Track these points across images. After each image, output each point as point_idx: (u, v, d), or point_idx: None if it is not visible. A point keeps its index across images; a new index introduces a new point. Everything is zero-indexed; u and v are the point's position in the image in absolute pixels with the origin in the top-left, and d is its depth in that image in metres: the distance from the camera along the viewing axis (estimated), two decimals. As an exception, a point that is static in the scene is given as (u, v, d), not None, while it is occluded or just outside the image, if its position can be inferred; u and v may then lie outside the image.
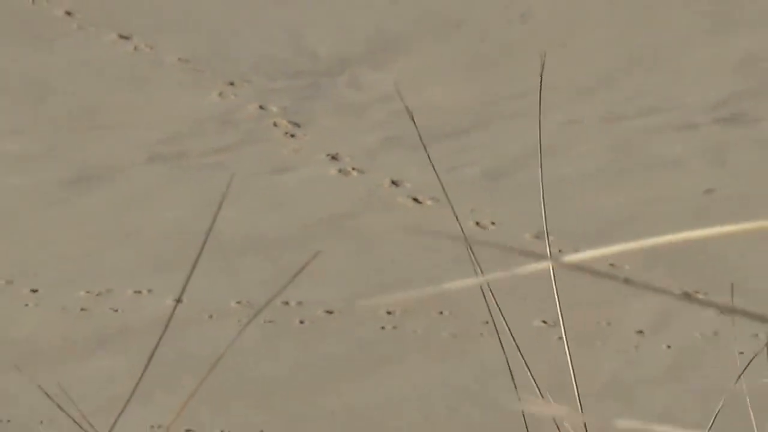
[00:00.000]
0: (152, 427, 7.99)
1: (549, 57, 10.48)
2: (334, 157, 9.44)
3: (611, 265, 8.95)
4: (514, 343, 3.65)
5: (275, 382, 8.24)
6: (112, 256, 8.81)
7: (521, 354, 3.67)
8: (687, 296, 1.50)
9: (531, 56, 10.60)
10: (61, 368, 7.94)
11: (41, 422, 7.62)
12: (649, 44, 10.85)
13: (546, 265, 1.74)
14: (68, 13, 10.77)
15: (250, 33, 10.88)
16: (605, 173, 9.65)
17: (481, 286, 4.98)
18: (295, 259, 8.76)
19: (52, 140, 9.94)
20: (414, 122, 9.52)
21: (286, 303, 8.36)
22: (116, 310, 8.30)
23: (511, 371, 3.61)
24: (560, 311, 3.38)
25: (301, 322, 8.26)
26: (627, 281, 1.47)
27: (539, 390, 3.40)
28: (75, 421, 7.47)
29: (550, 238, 9.10)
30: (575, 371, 3.42)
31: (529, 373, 3.46)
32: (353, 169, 9.43)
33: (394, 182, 9.14)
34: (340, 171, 9.34)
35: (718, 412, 4.50)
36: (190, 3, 11.11)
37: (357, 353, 8.04)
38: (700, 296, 8.91)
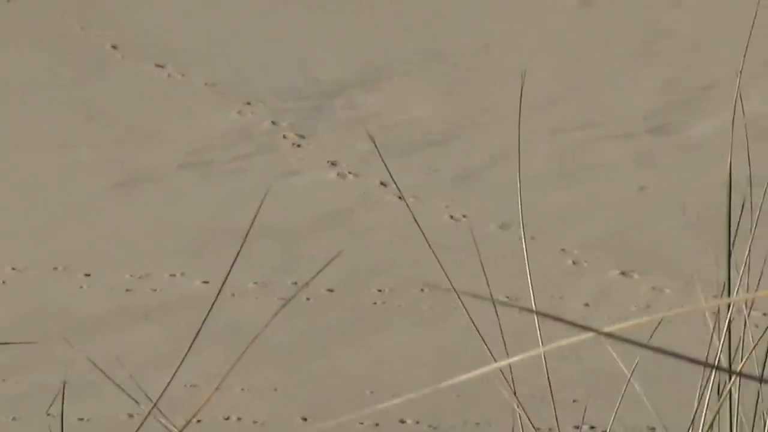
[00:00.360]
0: (185, 386, 8.16)
1: (507, 81, 10.50)
2: (333, 164, 9.72)
3: (562, 249, 9.05)
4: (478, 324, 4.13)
5: (287, 347, 8.35)
6: (152, 245, 9.00)
7: (477, 329, 3.88)
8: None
9: (494, 80, 10.81)
10: (110, 338, 8.19)
11: (93, 383, 7.97)
12: (590, 70, 11.08)
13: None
14: (114, 47, 11.02)
15: (265, 62, 10.84)
16: (554, 175, 9.86)
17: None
18: (302, 246, 9.07)
19: (101, 151, 10.10)
20: (375, 143, 10.00)
21: (295, 283, 8.62)
22: (155, 290, 8.56)
23: (482, 338, 3.61)
24: (531, 285, 3.71)
25: (308, 299, 8.46)
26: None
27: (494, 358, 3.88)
28: (118, 385, 7.59)
29: (511, 227, 9.31)
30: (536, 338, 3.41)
31: (493, 348, 3.55)
32: (349, 173, 9.65)
33: (382, 183, 9.44)
34: (338, 175, 9.61)
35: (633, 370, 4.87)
36: (214, 38, 11.08)
37: (353, 324, 8.30)
38: (634, 275, 9.19)
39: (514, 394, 3.32)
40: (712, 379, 3.48)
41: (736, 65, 10.78)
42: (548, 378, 3.50)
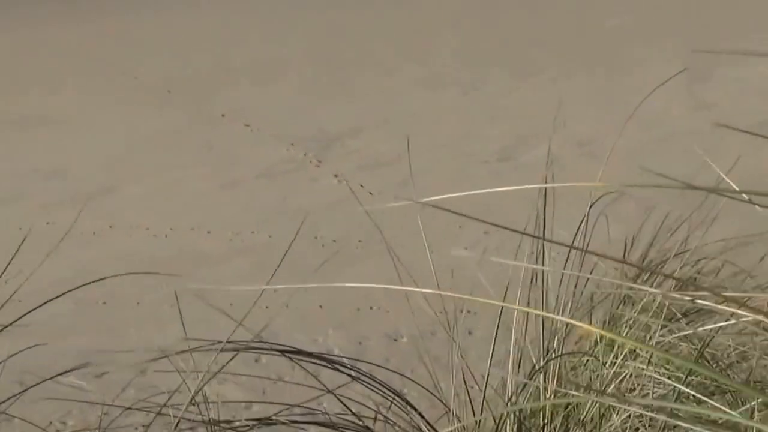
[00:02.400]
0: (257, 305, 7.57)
1: (427, 131, 10.39)
2: (335, 175, 9.69)
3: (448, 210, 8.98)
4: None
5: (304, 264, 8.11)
6: (243, 216, 8.82)
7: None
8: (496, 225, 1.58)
9: (420, 131, 10.67)
10: (214, 270, 7.80)
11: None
12: (470, 127, 10.82)
13: (410, 203, 1.87)
14: (246, 124, 10.68)
15: (299, 123, 10.95)
16: (452, 178, 9.34)
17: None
18: (318, 220, 8.72)
19: (212, 169, 10.02)
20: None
21: (315, 237, 8.34)
22: (242, 241, 8.35)
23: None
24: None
25: (322, 245, 8.21)
26: (461, 214, 1.63)
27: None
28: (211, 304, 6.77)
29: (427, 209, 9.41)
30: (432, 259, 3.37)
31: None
32: (345, 181, 9.58)
33: (361, 185, 9.41)
34: (338, 181, 9.57)
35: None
36: (276, 110, 11.13)
37: (331, 262, 7.77)
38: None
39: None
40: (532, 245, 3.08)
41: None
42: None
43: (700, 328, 3.09)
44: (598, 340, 3.16)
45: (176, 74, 12.08)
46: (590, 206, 3.25)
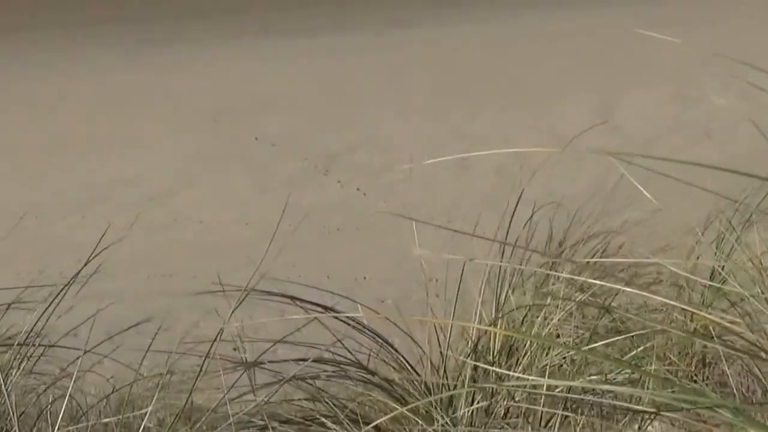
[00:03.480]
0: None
1: (398, 154, 10.25)
2: (338, 181, 9.60)
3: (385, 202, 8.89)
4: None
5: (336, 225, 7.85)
6: (269, 216, 8.54)
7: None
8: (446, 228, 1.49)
9: (381, 155, 10.34)
10: (250, 250, 7.33)
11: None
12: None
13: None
14: (273, 144, 10.14)
15: (310, 142, 10.52)
16: (424, 181, 9.25)
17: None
18: (324, 216, 8.73)
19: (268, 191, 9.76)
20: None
21: (324, 227, 8.34)
22: (270, 229, 7.84)
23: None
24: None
25: (329, 233, 8.17)
26: (421, 221, 1.76)
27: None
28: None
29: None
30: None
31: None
32: (346, 186, 9.51)
33: (357, 189, 9.36)
34: (340, 186, 9.51)
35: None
36: (298, 132, 10.76)
37: (335, 245, 7.78)
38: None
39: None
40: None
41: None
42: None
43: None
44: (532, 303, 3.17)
45: (221, 106, 12.08)
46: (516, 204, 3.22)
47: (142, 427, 2.23)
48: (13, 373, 2.35)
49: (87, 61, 12.92)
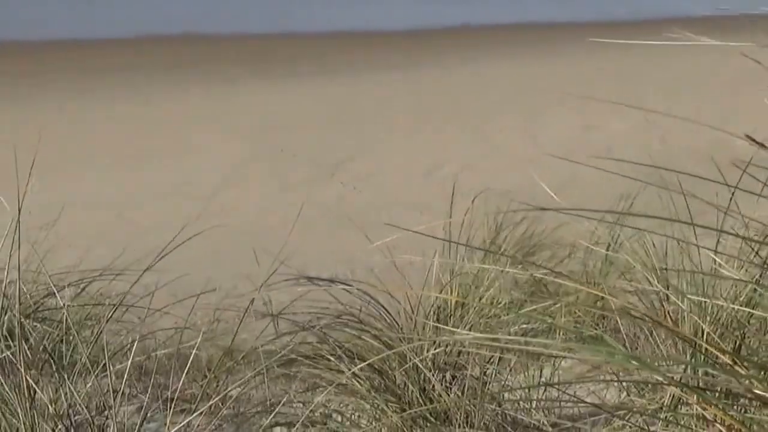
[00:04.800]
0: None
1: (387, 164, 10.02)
2: (341, 183, 9.36)
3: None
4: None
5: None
6: (290, 208, 8.35)
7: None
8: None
9: (385, 159, 10.11)
10: (277, 233, 7.28)
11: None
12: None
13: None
14: (294, 155, 9.68)
15: (320, 152, 10.08)
16: (402, 183, 9.03)
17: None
18: (330, 209, 8.43)
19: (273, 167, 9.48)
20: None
21: (330, 217, 8.08)
22: (291, 218, 7.94)
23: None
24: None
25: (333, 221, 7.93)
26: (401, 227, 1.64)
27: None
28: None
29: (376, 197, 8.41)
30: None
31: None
32: (347, 186, 9.29)
33: (354, 187, 9.12)
34: (343, 186, 9.27)
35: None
36: (309, 144, 10.47)
37: (338, 229, 7.34)
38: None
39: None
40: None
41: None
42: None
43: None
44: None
45: (256, 126, 11.83)
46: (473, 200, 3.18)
47: (192, 355, 2.18)
48: (105, 322, 2.34)
49: (160, 93, 13.18)
